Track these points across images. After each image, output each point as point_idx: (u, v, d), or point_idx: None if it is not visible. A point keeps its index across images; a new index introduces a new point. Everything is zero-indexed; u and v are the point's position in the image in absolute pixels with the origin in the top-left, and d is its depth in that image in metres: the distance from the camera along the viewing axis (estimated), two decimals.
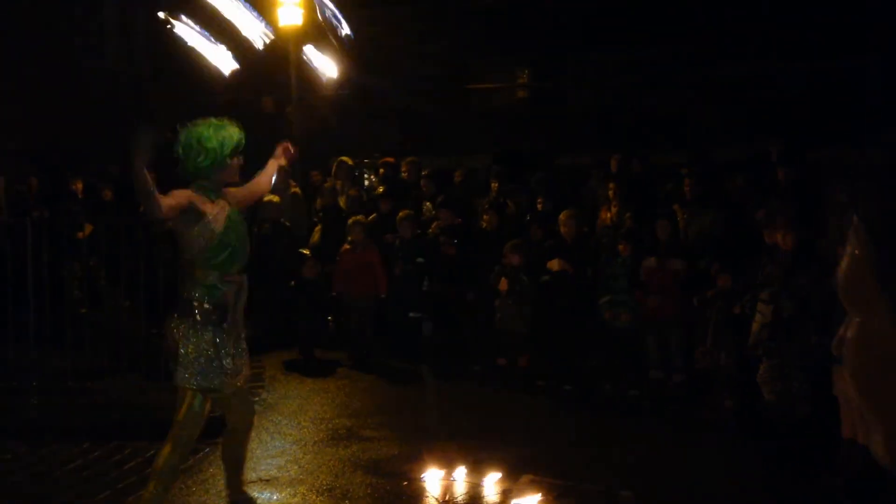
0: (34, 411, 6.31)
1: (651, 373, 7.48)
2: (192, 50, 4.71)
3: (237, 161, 4.12)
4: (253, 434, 5.96)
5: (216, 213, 4.03)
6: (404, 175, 10.42)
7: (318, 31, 5.54)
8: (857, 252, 0.67)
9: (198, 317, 3.98)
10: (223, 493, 4.62)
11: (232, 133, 4.07)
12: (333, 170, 10.43)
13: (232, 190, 4.25)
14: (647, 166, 10.06)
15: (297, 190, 9.97)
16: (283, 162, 4.54)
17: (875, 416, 0.69)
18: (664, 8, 12.96)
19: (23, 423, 6.06)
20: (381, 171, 10.58)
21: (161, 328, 4.21)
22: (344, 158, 10.51)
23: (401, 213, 8.81)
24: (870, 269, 0.64)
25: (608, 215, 8.89)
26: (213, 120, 4.08)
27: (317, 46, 5.56)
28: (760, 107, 12.40)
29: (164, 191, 3.86)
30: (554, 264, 7.81)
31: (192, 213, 3.96)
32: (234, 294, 4.09)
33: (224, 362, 4.01)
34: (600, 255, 7.96)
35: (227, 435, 4.34)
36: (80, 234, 8.59)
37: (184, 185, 4.09)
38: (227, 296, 4.05)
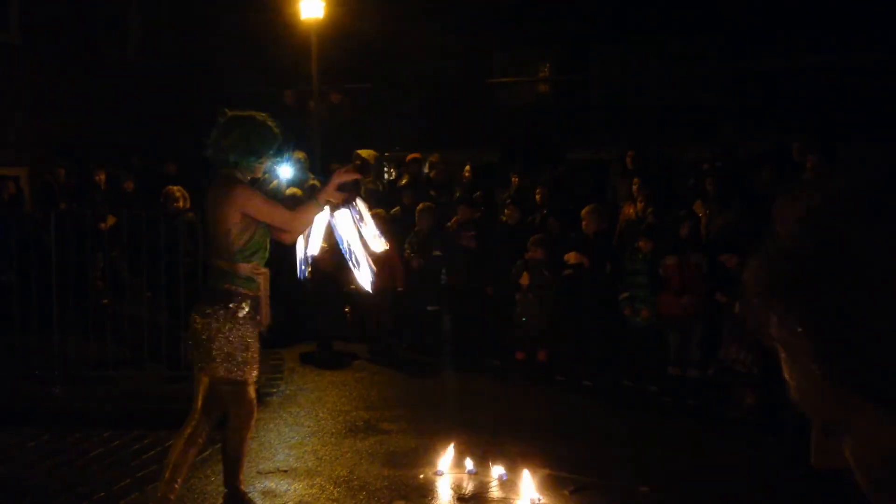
0: (57, 400, 6.40)
1: (670, 369, 7.43)
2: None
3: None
4: (272, 425, 6.05)
5: None
6: (431, 173, 10.39)
7: None
8: (800, 363, 0.46)
9: (241, 308, 3.96)
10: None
11: (274, 134, 4.20)
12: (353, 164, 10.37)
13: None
14: (668, 163, 9.95)
15: (317, 182, 9.97)
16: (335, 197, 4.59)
17: None
18: (688, 1, 12.84)
19: (45, 412, 6.15)
20: (408, 167, 10.49)
21: (182, 320, 4.20)
22: (360, 152, 10.41)
23: (420, 206, 8.79)
24: (824, 376, 0.47)
25: (631, 210, 8.82)
26: (265, 116, 4.17)
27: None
28: (787, 101, 12.25)
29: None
30: (571, 256, 7.76)
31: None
32: (263, 286, 4.09)
33: (254, 354, 4.03)
34: (622, 250, 7.90)
35: (229, 429, 4.22)
36: (103, 226, 8.68)
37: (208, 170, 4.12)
38: (260, 287, 4.06)
